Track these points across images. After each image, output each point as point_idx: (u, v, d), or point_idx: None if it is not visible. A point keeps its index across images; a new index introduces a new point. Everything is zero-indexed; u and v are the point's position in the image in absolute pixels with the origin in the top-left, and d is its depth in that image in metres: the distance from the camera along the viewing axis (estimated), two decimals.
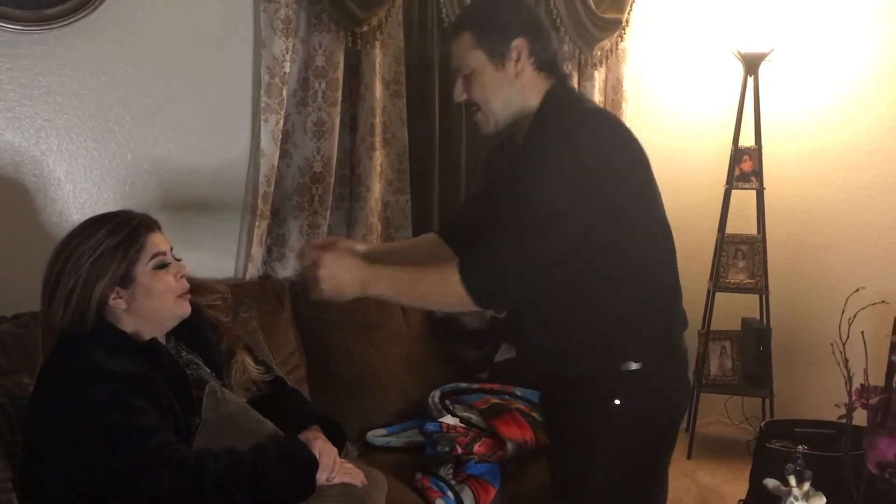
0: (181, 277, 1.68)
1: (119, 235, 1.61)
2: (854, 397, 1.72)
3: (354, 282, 1.65)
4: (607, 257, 1.65)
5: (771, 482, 1.76)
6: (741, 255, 3.46)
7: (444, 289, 1.63)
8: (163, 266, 1.65)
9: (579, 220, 1.60)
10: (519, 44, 1.68)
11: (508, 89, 1.69)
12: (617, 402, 1.71)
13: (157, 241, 1.66)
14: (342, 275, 1.64)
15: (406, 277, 1.68)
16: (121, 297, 1.62)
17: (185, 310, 1.70)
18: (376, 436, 2.49)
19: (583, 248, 1.61)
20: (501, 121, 1.73)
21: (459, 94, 1.74)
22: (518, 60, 1.68)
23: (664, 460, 1.85)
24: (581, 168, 1.58)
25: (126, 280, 1.61)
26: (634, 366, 1.70)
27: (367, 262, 1.69)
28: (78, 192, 2.36)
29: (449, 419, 2.41)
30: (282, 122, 2.61)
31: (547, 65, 1.72)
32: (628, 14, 3.35)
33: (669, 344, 1.78)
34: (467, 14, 1.83)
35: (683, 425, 3.06)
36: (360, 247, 1.89)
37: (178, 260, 1.71)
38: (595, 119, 1.71)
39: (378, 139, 2.83)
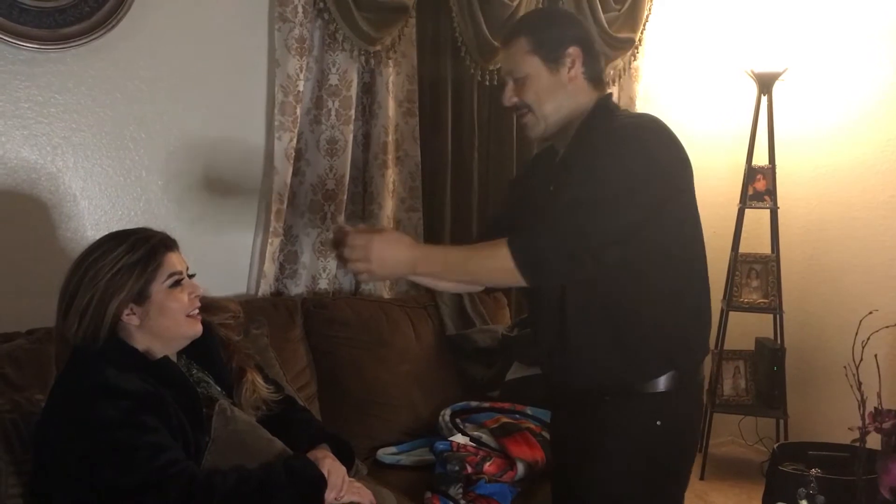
0: (195, 297, 1.69)
1: (138, 253, 1.62)
2: (868, 421, 1.70)
3: (405, 262, 1.65)
4: (657, 262, 1.69)
5: None
6: (755, 275, 3.44)
7: (493, 263, 1.64)
8: (178, 284, 1.66)
9: (633, 208, 1.63)
10: (574, 52, 1.74)
11: (561, 94, 1.75)
12: (658, 423, 1.73)
13: (174, 261, 1.67)
14: (393, 257, 1.64)
15: (456, 254, 1.73)
16: (134, 314, 1.63)
17: (196, 330, 1.70)
18: (386, 454, 2.48)
19: (635, 240, 1.64)
20: (551, 124, 1.77)
21: (509, 98, 1.79)
22: (572, 67, 1.74)
23: (684, 485, 1.87)
24: (639, 162, 1.64)
25: (141, 297, 1.62)
26: (672, 385, 1.73)
27: (416, 242, 1.74)
28: (93, 209, 2.38)
29: (459, 438, 2.40)
30: (295, 140, 2.63)
31: (596, 76, 1.79)
32: (641, 33, 3.36)
33: (699, 363, 1.82)
34: (524, 21, 1.89)
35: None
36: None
37: (192, 276, 1.72)
38: (650, 121, 1.75)
39: (391, 157, 2.85)
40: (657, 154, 1.66)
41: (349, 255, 1.62)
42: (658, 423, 1.73)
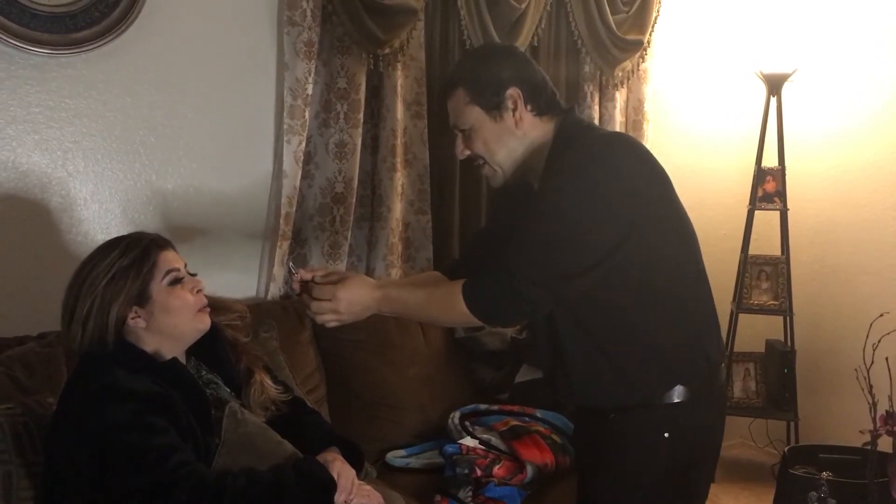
0: (198, 292, 1.69)
1: (131, 255, 1.63)
2: (879, 423, 1.70)
3: (370, 303, 1.72)
4: (641, 278, 1.64)
5: None
6: (765, 277, 3.43)
7: (450, 308, 1.67)
8: (177, 282, 1.66)
9: (593, 241, 1.59)
10: (513, 93, 1.68)
11: (510, 139, 1.70)
12: (666, 434, 1.70)
13: (169, 258, 1.67)
14: (359, 301, 1.71)
15: (416, 298, 1.74)
16: (139, 317, 1.63)
17: (205, 324, 1.70)
18: (395, 457, 2.48)
19: (602, 268, 1.60)
20: (508, 170, 1.73)
21: (461, 152, 1.75)
22: (515, 109, 1.68)
23: (701, 494, 1.86)
24: (602, 190, 1.58)
25: (142, 299, 1.63)
26: (683, 396, 1.68)
27: (377, 284, 1.75)
28: (103, 213, 2.39)
29: (469, 441, 2.40)
30: (304, 144, 2.64)
31: (546, 108, 1.72)
32: (650, 35, 3.36)
33: (711, 372, 1.75)
34: (458, 71, 1.83)
35: None
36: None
37: (194, 275, 1.71)
38: (613, 141, 1.72)
39: (399, 160, 2.85)
40: (619, 179, 1.59)
41: (317, 309, 1.70)
42: (666, 434, 1.69)
